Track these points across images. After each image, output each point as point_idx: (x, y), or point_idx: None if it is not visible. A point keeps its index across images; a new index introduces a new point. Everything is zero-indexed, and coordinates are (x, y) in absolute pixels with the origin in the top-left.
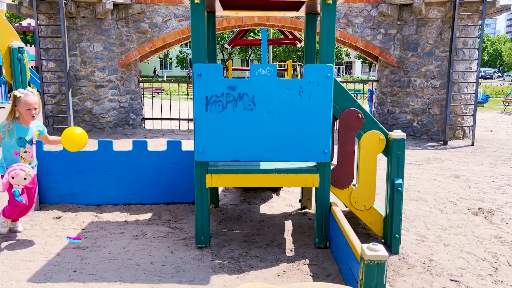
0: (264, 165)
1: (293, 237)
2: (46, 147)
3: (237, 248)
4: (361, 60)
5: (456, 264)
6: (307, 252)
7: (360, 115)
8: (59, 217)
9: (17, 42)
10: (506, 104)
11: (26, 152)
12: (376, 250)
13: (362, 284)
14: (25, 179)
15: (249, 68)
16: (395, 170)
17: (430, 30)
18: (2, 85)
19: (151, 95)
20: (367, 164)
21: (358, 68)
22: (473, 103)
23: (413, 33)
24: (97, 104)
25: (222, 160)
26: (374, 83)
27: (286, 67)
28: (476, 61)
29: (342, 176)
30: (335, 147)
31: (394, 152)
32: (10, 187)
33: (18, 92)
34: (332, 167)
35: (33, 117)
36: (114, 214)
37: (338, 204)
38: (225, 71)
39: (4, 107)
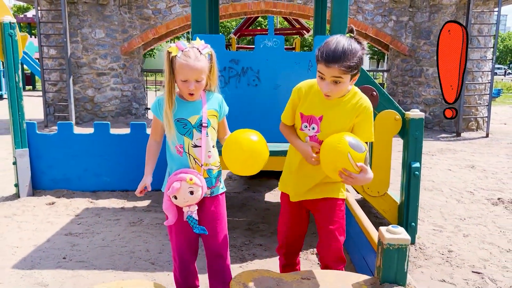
0: (270, 147)
1: None
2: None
3: (239, 237)
4: (369, 55)
5: (478, 255)
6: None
7: (374, 92)
8: (53, 203)
9: (9, 17)
10: None
11: (194, 145)
12: (396, 233)
13: (380, 272)
14: (191, 193)
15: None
16: (412, 153)
17: (443, 17)
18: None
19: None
20: (381, 147)
21: (366, 64)
22: (488, 93)
23: (426, 20)
24: (99, 92)
25: None
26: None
27: (294, 46)
28: (492, 49)
29: None
30: None
31: (411, 133)
32: (177, 212)
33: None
34: None
35: (191, 94)
36: (111, 201)
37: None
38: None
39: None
